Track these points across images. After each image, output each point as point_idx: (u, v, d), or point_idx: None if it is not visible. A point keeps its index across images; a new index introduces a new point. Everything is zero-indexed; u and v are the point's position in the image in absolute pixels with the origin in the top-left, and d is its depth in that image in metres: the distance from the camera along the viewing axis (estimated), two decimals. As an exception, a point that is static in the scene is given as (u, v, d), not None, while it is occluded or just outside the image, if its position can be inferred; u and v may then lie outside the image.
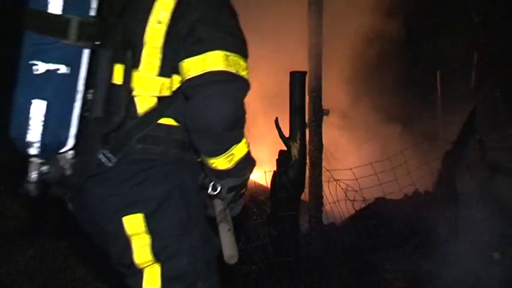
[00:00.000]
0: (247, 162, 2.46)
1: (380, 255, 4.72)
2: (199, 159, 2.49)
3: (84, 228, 2.62)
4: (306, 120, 4.61)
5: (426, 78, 7.56)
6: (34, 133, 2.28)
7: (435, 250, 4.46)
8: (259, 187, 4.97)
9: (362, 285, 4.35)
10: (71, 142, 2.31)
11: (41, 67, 2.26)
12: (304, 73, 4.62)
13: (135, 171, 2.42)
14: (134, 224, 2.40)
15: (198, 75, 2.29)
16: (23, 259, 4.74)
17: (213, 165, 2.39)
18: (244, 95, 2.37)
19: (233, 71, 2.30)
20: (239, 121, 2.36)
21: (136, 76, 2.38)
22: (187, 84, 2.32)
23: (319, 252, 4.62)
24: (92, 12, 2.27)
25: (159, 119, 2.44)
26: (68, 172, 2.37)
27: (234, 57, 2.33)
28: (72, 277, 4.57)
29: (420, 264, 4.40)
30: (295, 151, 4.53)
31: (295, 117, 4.51)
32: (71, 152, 2.35)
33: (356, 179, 5.65)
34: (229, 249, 2.39)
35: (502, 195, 4.71)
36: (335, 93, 6.63)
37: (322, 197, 5.06)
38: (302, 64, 4.62)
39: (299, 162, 4.55)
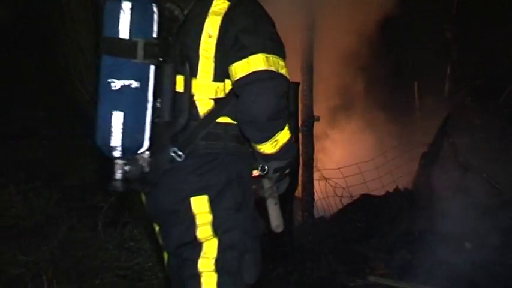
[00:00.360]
0: (290, 147, 2.66)
1: (365, 245, 4.73)
2: (251, 150, 2.67)
3: (151, 215, 2.83)
4: (299, 125, 4.61)
5: (406, 89, 7.65)
6: (116, 139, 2.49)
7: (413, 240, 4.48)
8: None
9: (349, 272, 4.32)
10: (146, 144, 2.53)
11: (116, 84, 2.47)
12: (298, 83, 4.63)
13: (201, 163, 2.60)
14: (200, 204, 2.58)
15: (244, 76, 2.47)
16: (48, 249, 4.73)
17: (261, 150, 2.59)
18: (285, 89, 2.55)
19: (274, 70, 2.48)
20: (281, 112, 2.54)
21: (195, 83, 2.57)
22: (236, 84, 2.50)
23: (311, 242, 4.65)
24: (154, 35, 2.47)
25: (217, 118, 2.61)
26: (146, 169, 2.58)
27: (273, 58, 2.50)
28: (91, 265, 4.56)
29: (400, 253, 4.40)
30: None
31: (290, 122, 4.51)
32: (147, 152, 2.56)
33: (344, 178, 5.80)
34: (276, 219, 2.63)
35: (473, 192, 4.73)
36: (325, 101, 6.69)
37: (313, 193, 5.12)
38: (295, 75, 4.58)
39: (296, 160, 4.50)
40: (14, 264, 4.47)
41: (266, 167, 2.63)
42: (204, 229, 2.60)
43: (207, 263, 2.62)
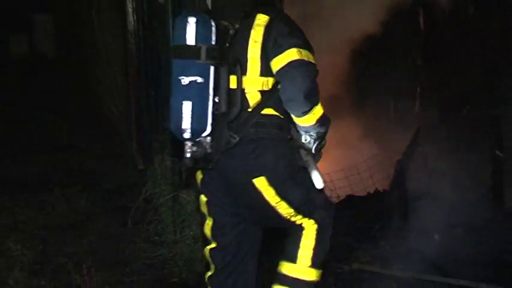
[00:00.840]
0: (325, 119, 2.80)
1: (351, 238, 4.70)
2: (289, 137, 2.91)
3: (218, 188, 2.93)
4: None
5: (383, 105, 7.67)
6: (186, 123, 2.69)
7: (391, 233, 4.47)
8: None
9: (337, 260, 4.29)
10: (209, 128, 2.71)
11: (185, 80, 2.70)
12: None
13: (252, 148, 2.78)
14: (261, 183, 2.76)
15: (283, 66, 2.67)
16: (87, 242, 4.74)
17: (303, 124, 2.75)
18: (315, 74, 2.74)
19: (305, 59, 2.68)
20: (314, 90, 2.71)
21: (245, 79, 2.76)
22: (278, 73, 2.71)
23: None
24: (213, 42, 2.68)
25: (263, 109, 2.79)
26: (209, 150, 2.76)
27: (304, 51, 2.69)
28: (122, 255, 4.57)
29: (380, 244, 4.39)
30: None
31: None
32: (209, 137, 2.74)
33: (332, 181, 5.87)
34: (319, 180, 2.74)
35: (439, 192, 4.74)
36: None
37: None
38: None
39: None
40: (59, 255, 4.48)
41: (307, 137, 2.79)
42: (272, 197, 2.78)
43: (289, 212, 2.82)
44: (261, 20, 2.74)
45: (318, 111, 2.74)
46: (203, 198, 2.99)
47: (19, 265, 4.07)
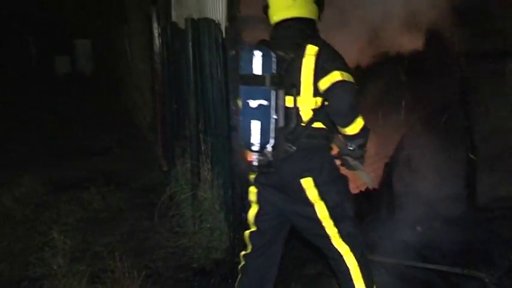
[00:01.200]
0: (366, 129, 2.88)
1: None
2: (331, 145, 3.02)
3: (264, 190, 3.04)
4: None
5: (372, 116, 7.63)
6: (255, 138, 2.84)
7: (380, 226, 4.44)
8: None
9: None
10: (272, 141, 2.83)
11: (252, 103, 2.83)
12: None
13: (304, 155, 2.87)
14: (307, 183, 2.86)
15: (329, 85, 2.76)
16: (119, 233, 4.77)
17: (347, 133, 2.84)
18: (355, 91, 2.82)
19: (347, 79, 2.75)
20: (356, 105, 2.80)
21: (300, 99, 2.85)
22: (325, 92, 2.79)
23: None
24: (274, 71, 2.80)
25: (313, 123, 2.87)
26: (271, 159, 2.88)
27: (345, 73, 2.77)
28: (149, 244, 4.58)
29: (370, 235, 4.37)
30: None
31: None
32: (271, 148, 2.85)
33: None
34: (369, 180, 3.09)
35: (421, 190, 4.70)
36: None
37: None
38: None
39: None
40: (95, 244, 4.51)
41: (352, 144, 2.87)
42: (313, 196, 2.86)
43: (325, 219, 2.88)
44: (311, 50, 2.81)
45: (360, 122, 2.82)
46: (253, 189, 3.09)
47: (62, 252, 4.11)
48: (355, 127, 2.82)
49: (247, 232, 3.15)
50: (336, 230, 2.87)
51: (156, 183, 6.02)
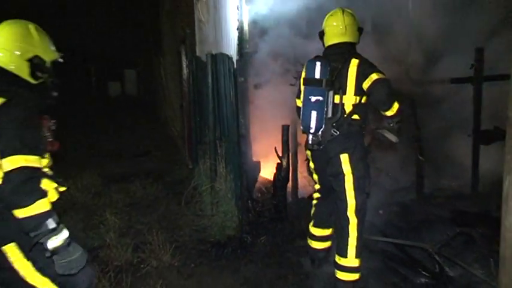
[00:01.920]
0: (400, 110, 2.94)
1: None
2: (364, 132, 3.07)
3: (317, 161, 3.15)
4: (290, 147, 4.55)
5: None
6: (313, 124, 2.95)
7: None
8: (268, 180, 4.86)
9: None
10: (323, 127, 2.94)
11: (312, 98, 2.94)
12: (288, 125, 4.45)
13: (344, 137, 2.95)
14: (344, 158, 2.95)
15: (371, 84, 2.86)
16: (155, 215, 4.76)
17: (387, 114, 2.93)
18: (390, 84, 2.89)
19: (383, 77, 2.87)
20: (392, 94, 2.88)
21: (345, 97, 2.95)
22: (368, 88, 2.88)
23: (296, 211, 4.51)
24: (328, 76, 2.92)
25: (353, 115, 2.97)
26: (320, 139, 2.97)
27: (380, 73, 2.88)
28: (178, 223, 4.54)
29: None
30: (284, 163, 4.43)
31: (285, 146, 4.47)
32: (321, 131, 2.96)
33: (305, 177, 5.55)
34: (394, 137, 2.99)
35: (382, 183, 4.68)
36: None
37: (297, 185, 4.94)
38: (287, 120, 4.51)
39: (286, 168, 4.44)
40: (138, 223, 4.52)
41: (392, 123, 2.94)
42: (347, 169, 2.94)
43: (350, 185, 2.96)
44: (354, 62, 2.93)
45: (396, 106, 2.90)
46: (312, 164, 3.23)
47: (112, 229, 4.12)
48: (393, 110, 2.89)
49: (316, 186, 3.33)
50: (354, 202, 2.96)
51: (183, 177, 5.99)
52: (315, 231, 3.35)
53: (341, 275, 3.02)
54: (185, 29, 6.94)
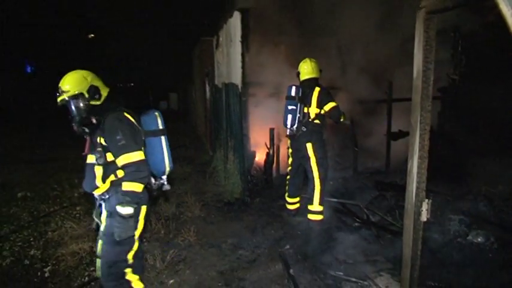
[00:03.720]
0: (342, 115, 2.96)
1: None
2: (322, 130, 2.99)
3: (293, 147, 3.09)
4: (275, 142, 4.49)
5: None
6: (288, 123, 2.97)
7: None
8: (260, 163, 4.76)
9: (282, 194, 4.05)
10: (295, 125, 2.95)
11: (289, 107, 2.95)
12: (273, 128, 4.37)
13: (309, 132, 2.93)
14: (309, 146, 2.94)
15: (329, 109, 2.91)
16: (189, 184, 4.69)
17: (337, 121, 2.97)
18: (339, 108, 2.91)
19: (335, 104, 2.90)
20: (340, 113, 2.92)
21: (310, 109, 2.95)
22: (328, 111, 2.92)
23: (278, 182, 4.42)
24: (300, 95, 2.90)
25: (315, 120, 2.96)
26: (294, 133, 2.96)
27: (334, 102, 2.90)
28: (204, 189, 4.44)
29: (306, 188, 4.18)
30: (271, 152, 4.39)
31: (271, 142, 4.42)
32: (295, 128, 2.94)
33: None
34: (348, 123, 3.43)
35: (333, 166, 4.44)
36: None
37: (279, 166, 4.72)
38: (273, 125, 4.45)
39: (272, 155, 4.41)
40: (179, 189, 4.38)
41: (339, 122, 2.97)
42: (312, 155, 2.94)
43: (314, 163, 2.96)
44: (317, 90, 2.97)
45: (341, 118, 2.96)
46: (290, 149, 3.16)
47: (164, 196, 3.98)
48: (340, 119, 2.97)
49: (289, 169, 3.22)
50: (318, 173, 3.00)
51: (206, 161, 5.93)
52: (289, 199, 3.39)
53: (311, 216, 3.07)
54: (208, 67, 6.91)
